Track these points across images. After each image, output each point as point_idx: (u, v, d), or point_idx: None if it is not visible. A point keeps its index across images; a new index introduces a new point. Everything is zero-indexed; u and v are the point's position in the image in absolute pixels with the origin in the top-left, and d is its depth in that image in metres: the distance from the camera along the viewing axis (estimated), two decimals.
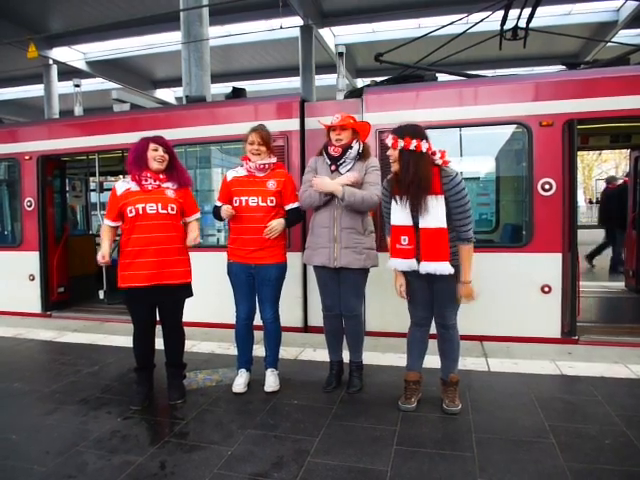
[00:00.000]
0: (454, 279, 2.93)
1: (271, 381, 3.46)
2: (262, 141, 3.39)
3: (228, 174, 3.52)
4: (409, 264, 2.93)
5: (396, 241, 2.96)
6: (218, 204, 3.47)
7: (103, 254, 3.21)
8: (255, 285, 3.46)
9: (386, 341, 4.42)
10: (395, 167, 2.90)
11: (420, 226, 2.85)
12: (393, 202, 2.96)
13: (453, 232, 2.89)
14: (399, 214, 2.93)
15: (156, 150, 3.22)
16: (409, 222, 2.89)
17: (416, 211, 2.85)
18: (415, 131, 2.86)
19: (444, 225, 2.82)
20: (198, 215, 3.46)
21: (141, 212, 3.16)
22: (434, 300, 3.05)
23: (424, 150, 2.82)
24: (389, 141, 2.88)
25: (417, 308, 3.13)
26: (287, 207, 3.45)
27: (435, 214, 2.81)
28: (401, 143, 2.82)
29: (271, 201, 3.36)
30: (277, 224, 3.34)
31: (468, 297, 2.93)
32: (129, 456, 2.59)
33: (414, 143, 2.80)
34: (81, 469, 2.48)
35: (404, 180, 2.84)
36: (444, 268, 2.83)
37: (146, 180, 3.22)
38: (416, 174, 2.80)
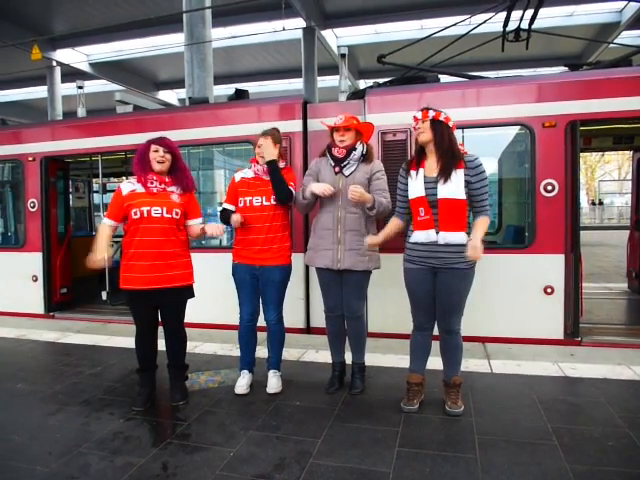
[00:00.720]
0: (459, 275, 2.94)
1: (273, 382, 3.46)
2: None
3: (236, 175, 3.52)
4: (427, 234, 2.94)
5: (416, 214, 3.00)
6: (227, 206, 3.45)
7: (99, 256, 3.15)
8: (259, 286, 3.47)
9: (387, 342, 4.41)
10: (426, 137, 2.96)
11: (440, 196, 2.89)
12: (409, 178, 3.03)
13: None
14: (415, 187, 2.99)
15: (156, 151, 3.23)
16: (423, 192, 2.95)
17: (438, 181, 2.90)
18: (439, 110, 3.02)
19: (464, 197, 2.90)
20: (200, 220, 3.43)
21: (146, 215, 3.16)
22: (438, 302, 3.04)
23: (450, 125, 2.98)
24: (418, 115, 2.98)
25: (419, 313, 3.13)
26: None
27: (458, 185, 2.88)
28: (432, 113, 2.95)
29: (275, 199, 3.37)
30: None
31: (475, 253, 2.77)
32: (131, 457, 2.59)
33: (443, 115, 2.96)
34: (83, 470, 2.48)
35: (440, 146, 2.94)
36: (461, 238, 2.90)
37: (151, 183, 3.22)
38: (450, 142, 2.94)
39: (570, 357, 3.99)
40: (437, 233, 2.92)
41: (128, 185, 3.28)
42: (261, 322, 3.52)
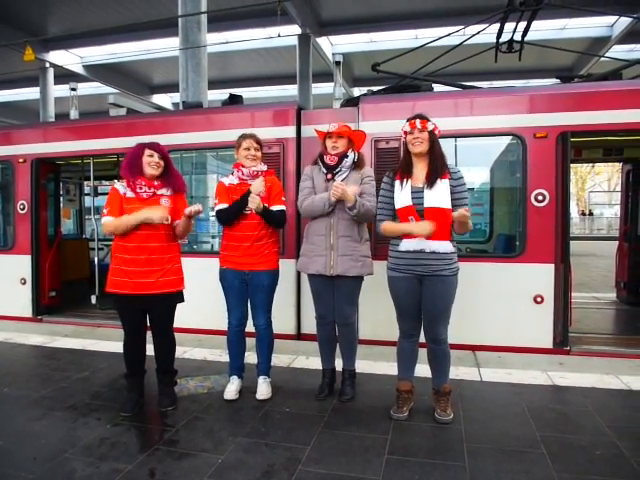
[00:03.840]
0: (444, 282, 2.96)
1: (263, 389, 3.44)
2: (258, 146, 3.43)
3: (224, 180, 3.49)
4: (418, 242, 2.94)
5: (405, 222, 3.01)
6: (223, 206, 3.37)
7: (162, 215, 3.06)
8: (248, 292, 3.46)
9: (378, 349, 4.41)
10: (423, 147, 2.99)
11: (426, 205, 2.92)
12: (396, 188, 3.04)
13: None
14: (402, 197, 3.00)
15: (151, 156, 3.21)
16: (409, 202, 2.97)
17: (425, 189, 2.93)
18: (429, 119, 3.06)
19: (450, 206, 2.93)
20: None
21: None
22: (424, 311, 3.05)
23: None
24: (418, 124, 2.98)
25: (405, 320, 3.14)
26: (271, 208, 3.40)
27: (444, 194, 2.92)
28: (431, 125, 3.00)
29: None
30: (258, 203, 3.26)
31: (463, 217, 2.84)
32: (118, 463, 2.56)
33: (435, 127, 3.03)
34: (69, 476, 2.45)
35: (434, 157, 2.98)
36: (447, 247, 2.94)
37: (140, 188, 3.20)
38: (440, 153, 3.00)
39: (559, 366, 4.02)
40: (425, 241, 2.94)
41: (121, 187, 3.25)
42: (249, 328, 3.51)
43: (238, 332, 3.49)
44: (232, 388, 3.45)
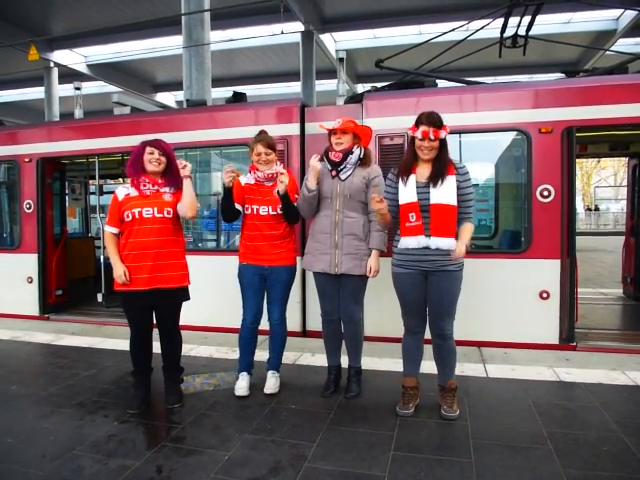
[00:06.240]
0: (449, 277, 2.96)
1: (272, 383, 3.46)
2: (269, 150, 3.40)
3: (241, 179, 3.47)
4: (418, 240, 2.94)
5: (405, 220, 2.99)
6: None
7: (119, 275, 3.13)
8: (266, 286, 3.48)
9: (383, 346, 4.41)
10: (432, 155, 2.95)
11: (432, 202, 2.91)
12: (400, 184, 3.03)
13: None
14: (406, 193, 2.99)
15: (152, 153, 3.22)
16: (414, 198, 2.95)
17: (430, 186, 2.92)
18: (441, 119, 2.97)
19: (456, 203, 2.92)
20: None
21: (137, 216, 3.16)
22: (430, 306, 3.05)
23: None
24: (431, 134, 2.89)
25: (411, 316, 3.13)
26: None
27: (450, 191, 2.91)
28: (443, 134, 2.94)
29: (280, 209, 3.38)
30: (285, 185, 3.28)
31: (457, 257, 2.87)
32: (126, 460, 2.58)
33: (445, 132, 2.97)
34: (77, 473, 2.47)
35: (439, 159, 2.96)
36: (451, 244, 2.91)
37: (144, 185, 3.22)
38: (446, 154, 2.98)
39: (565, 362, 4.00)
40: (429, 238, 2.93)
41: (122, 190, 3.28)
42: (261, 325, 3.53)
43: (252, 329, 3.50)
44: (243, 384, 3.45)
